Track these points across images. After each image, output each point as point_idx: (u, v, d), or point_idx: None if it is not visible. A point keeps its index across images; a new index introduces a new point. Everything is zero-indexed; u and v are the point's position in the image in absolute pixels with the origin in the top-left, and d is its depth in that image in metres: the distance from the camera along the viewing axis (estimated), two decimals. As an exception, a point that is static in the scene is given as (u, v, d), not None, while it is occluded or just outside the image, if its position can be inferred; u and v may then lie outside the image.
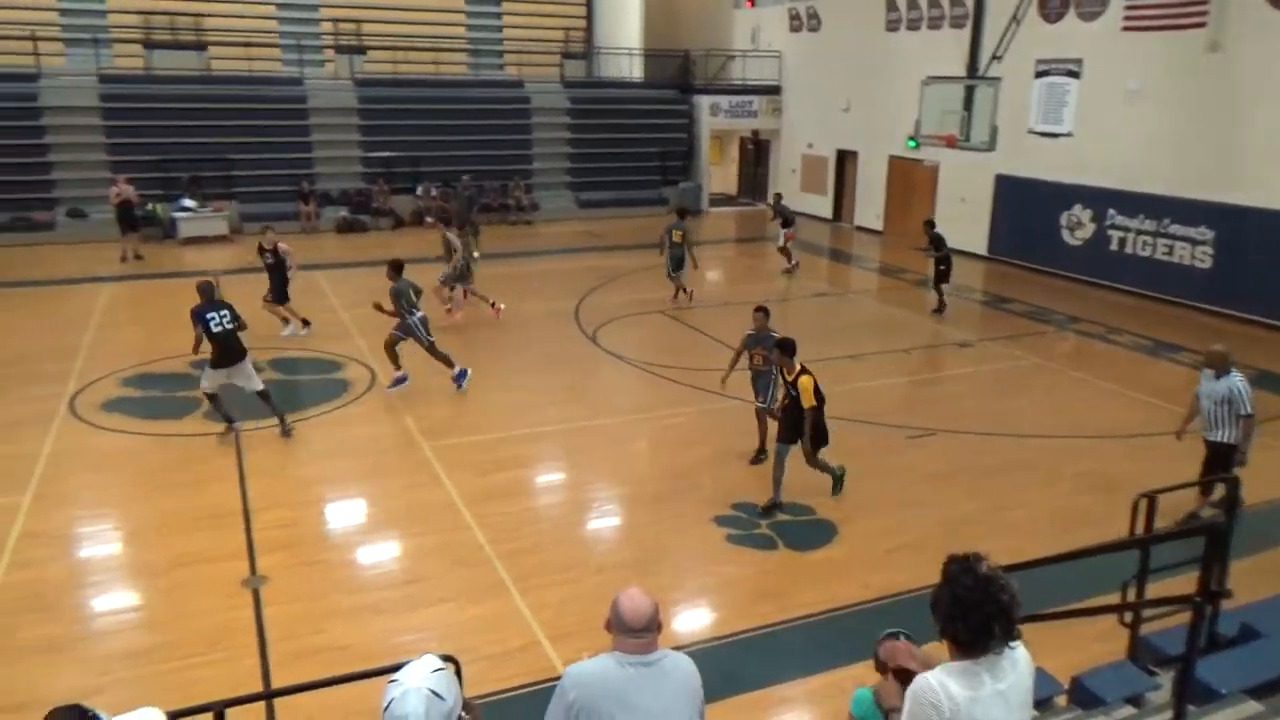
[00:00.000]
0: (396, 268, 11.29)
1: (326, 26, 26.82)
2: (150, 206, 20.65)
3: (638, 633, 3.26)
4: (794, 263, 18.92)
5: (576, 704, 3.18)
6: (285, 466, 9.29)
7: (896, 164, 22.96)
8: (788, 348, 8.37)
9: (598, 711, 3.15)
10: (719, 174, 30.15)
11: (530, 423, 10.56)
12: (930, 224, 16.04)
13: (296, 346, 13.09)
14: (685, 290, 16.24)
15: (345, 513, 8.55)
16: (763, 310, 9.50)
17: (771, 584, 7.23)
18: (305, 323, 13.74)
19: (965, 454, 9.85)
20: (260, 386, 9.97)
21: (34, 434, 9.73)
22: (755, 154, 29.63)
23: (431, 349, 11.35)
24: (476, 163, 24.11)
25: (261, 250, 13.52)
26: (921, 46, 21.35)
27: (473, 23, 28.94)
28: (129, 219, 18.79)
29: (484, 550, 7.61)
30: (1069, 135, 18.26)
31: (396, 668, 2.67)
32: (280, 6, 26.41)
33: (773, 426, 9.03)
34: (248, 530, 7.85)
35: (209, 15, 25.11)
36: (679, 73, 28.01)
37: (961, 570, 2.68)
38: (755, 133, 28.90)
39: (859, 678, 3.67)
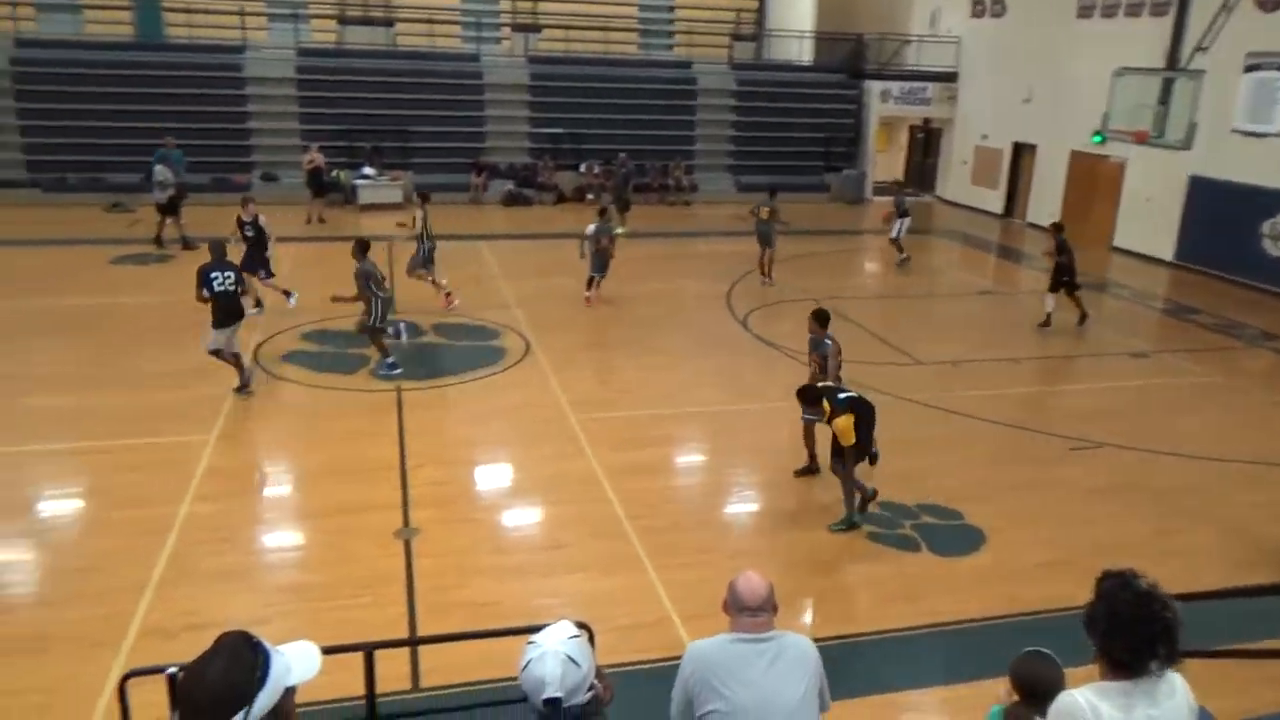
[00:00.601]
0: (363, 247, 10.89)
1: (505, 5, 27.65)
2: (335, 173, 21.95)
3: (754, 611, 3.33)
4: (905, 255, 18.08)
5: (693, 678, 3.29)
6: (441, 427, 9.73)
7: (1079, 159, 21.64)
8: (806, 398, 7.86)
9: (713, 686, 3.23)
10: (885, 162, 29.27)
11: (677, 403, 10.64)
12: (1059, 227, 14.44)
13: (457, 313, 13.62)
14: (765, 271, 16.03)
15: (494, 475, 8.89)
16: (814, 315, 8.98)
17: (910, 587, 7.04)
18: (258, 303, 13.10)
19: (1130, 471, 9.25)
20: (237, 349, 10.30)
21: (223, 379, 10.56)
22: (925, 143, 28.60)
23: (373, 332, 10.94)
24: (639, 142, 24.36)
25: (241, 223, 13.03)
26: (1116, 35, 19.98)
27: (645, 3, 29.16)
28: (318, 184, 20.07)
29: (622, 524, 7.75)
30: (1279, 136, 16.71)
31: (535, 629, 2.76)
32: (464, -15, 27.43)
33: (824, 441, 8.46)
34: (403, 485, 8.29)
35: (398, -8, 26.37)
36: (850, 57, 27.31)
37: (1120, 585, 2.54)
38: (926, 121, 27.88)
39: (993, 694, 3.53)
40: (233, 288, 10.05)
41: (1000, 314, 15.71)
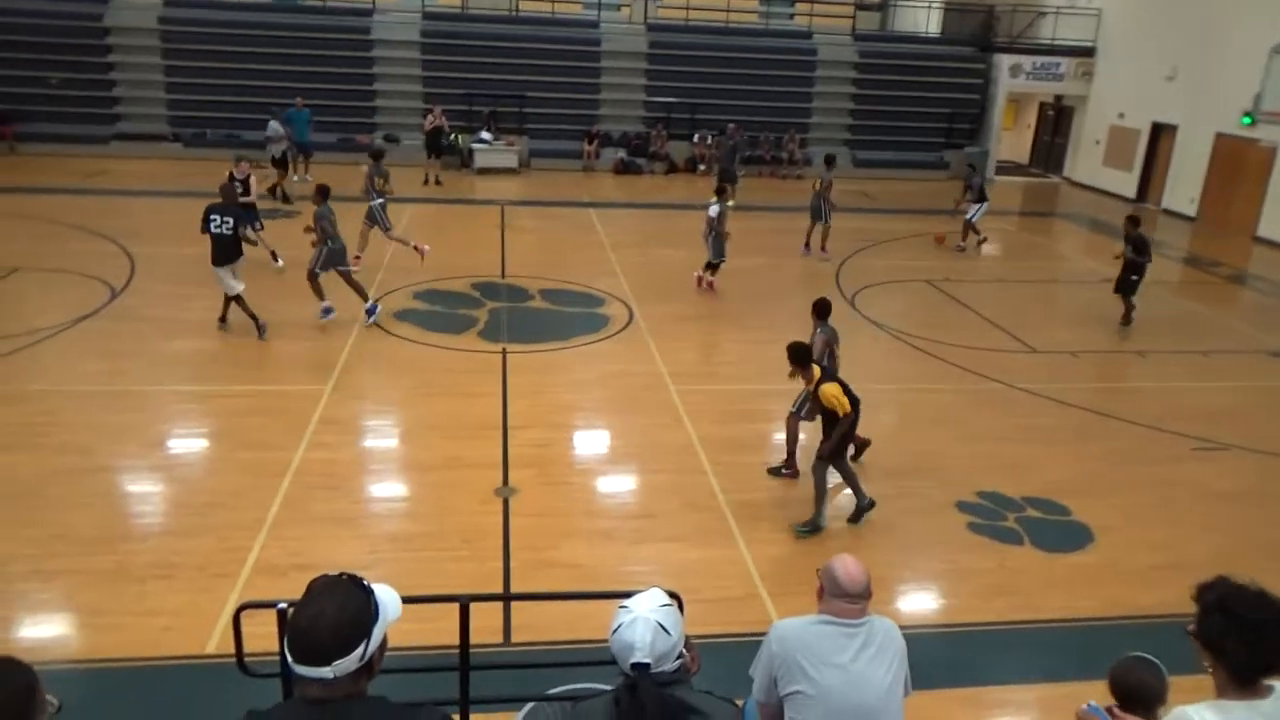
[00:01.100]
0: (323, 193, 11.21)
1: (627, -29, 27.54)
2: (453, 136, 22.43)
3: (852, 598, 3.29)
4: (979, 238, 17.20)
5: (778, 657, 3.28)
6: (543, 391, 9.90)
7: (1224, 142, 20.32)
8: (795, 355, 7.34)
9: (800, 666, 3.22)
10: (1011, 140, 28.14)
11: (777, 379, 10.48)
12: (1134, 221, 13.08)
13: (563, 280, 13.78)
14: (809, 243, 15.85)
15: (592, 441, 9.01)
16: (814, 306, 8.48)
17: (1011, 581, 6.85)
18: (275, 257, 13.28)
19: (1258, 476, 8.73)
20: (236, 291, 10.75)
21: (341, 333, 11.01)
22: (1055, 121, 27.34)
23: (310, 275, 11.23)
24: (754, 113, 24.05)
25: (232, 179, 13.06)
26: (1275, 9, 18.58)
27: (768, -30, 28.60)
28: (436, 145, 20.57)
29: (716, 497, 7.77)
30: None
31: (626, 595, 2.80)
32: (586, -50, 27.42)
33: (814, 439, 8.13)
34: (505, 444, 8.50)
35: (522, -42, 26.57)
36: (980, 29, 26.24)
37: (1236, 589, 2.41)
38: (1058, 98, 26.63)
39: (1093, 697, 3.41)
40: (229, 231, 10.58)
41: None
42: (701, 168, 23.28)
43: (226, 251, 10.68)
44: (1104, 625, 6.33)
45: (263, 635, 4.52)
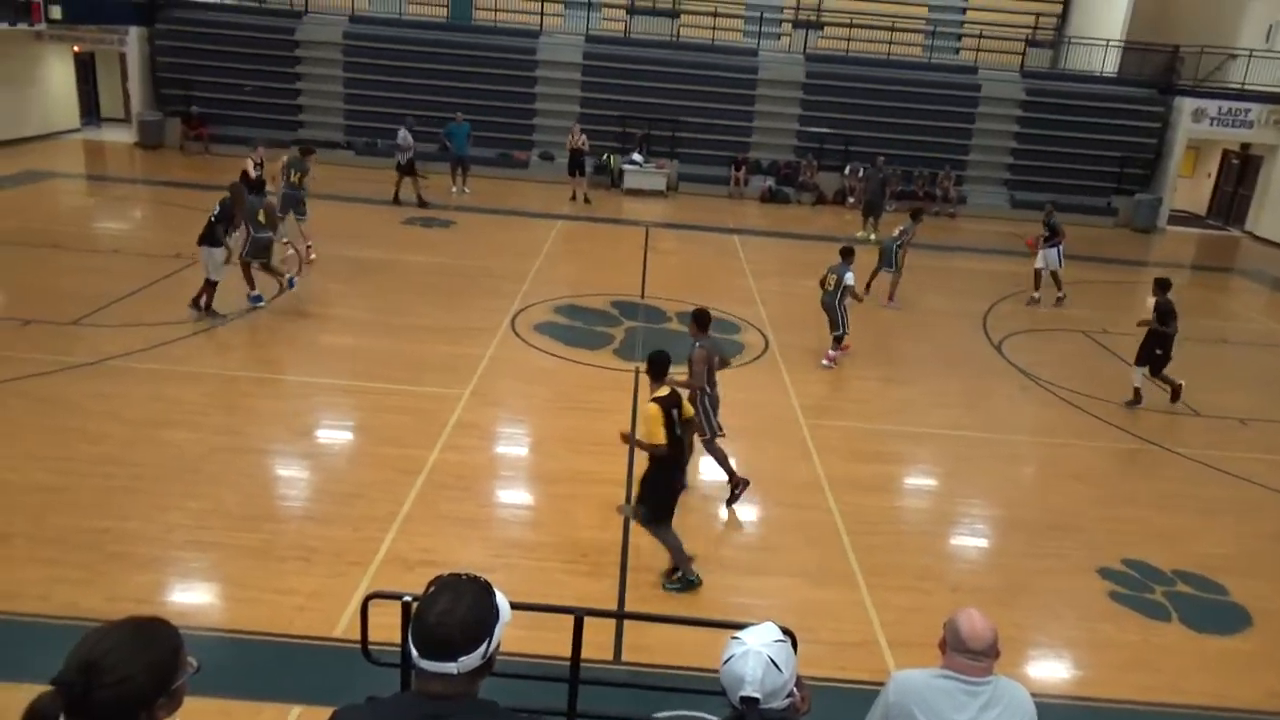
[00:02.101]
0: (250, 185, 11.89)
1: (790, 2, 27.56)
2: (605, 156, 22.93)
3: (975, 655, 3.13)
4: (1061, 294, 15.51)
5: (895, 707, 3.18)
6: (673, 412, 9.91)
7: None
8: (651, 366, 6.64)
9: (914, 718, 3.10)
10: (1187, 189, 26.44)
11: (914, 421, 10.24)
12: (1163, 285, 11.24)
13: (702, 304, 13.80)
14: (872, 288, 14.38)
15: (717, 467, 8.96)
16: (694, 315, 7.89)
17: (1154, 658, 6.38)
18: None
19: None
20: (212, 278, 11.26)
21: (482, 339, 11.39)
22: (1240, 171, 25.53)
23: (242, 263, 11.62)
24: (909, 148, 23.56)
25: (254, 165, 14.26)
26: None
27: (935, 4, 28.04)
28: (577, 163, 21.06)
29: (840, 537, 7.59)
30: None
31: (740, 626, 2.77)
32: (749, -20, 27.64)
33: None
34: (630, 461, 8.56)
35: (686, -16, 27.04)
36: (1162, 70, 24.84)
37: None
38: (1245, 146, 24.87)
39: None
40: (213, 219, 11.18)
41: (1308, 372, 13.76)
42: (851, 200, 22.93)
43: (206, 234, 11.24)
44: (1258, 718, 5.81)
45: (386, 625, 4.70)
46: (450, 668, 2.10)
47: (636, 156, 23.01)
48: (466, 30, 24.87)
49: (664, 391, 6.57)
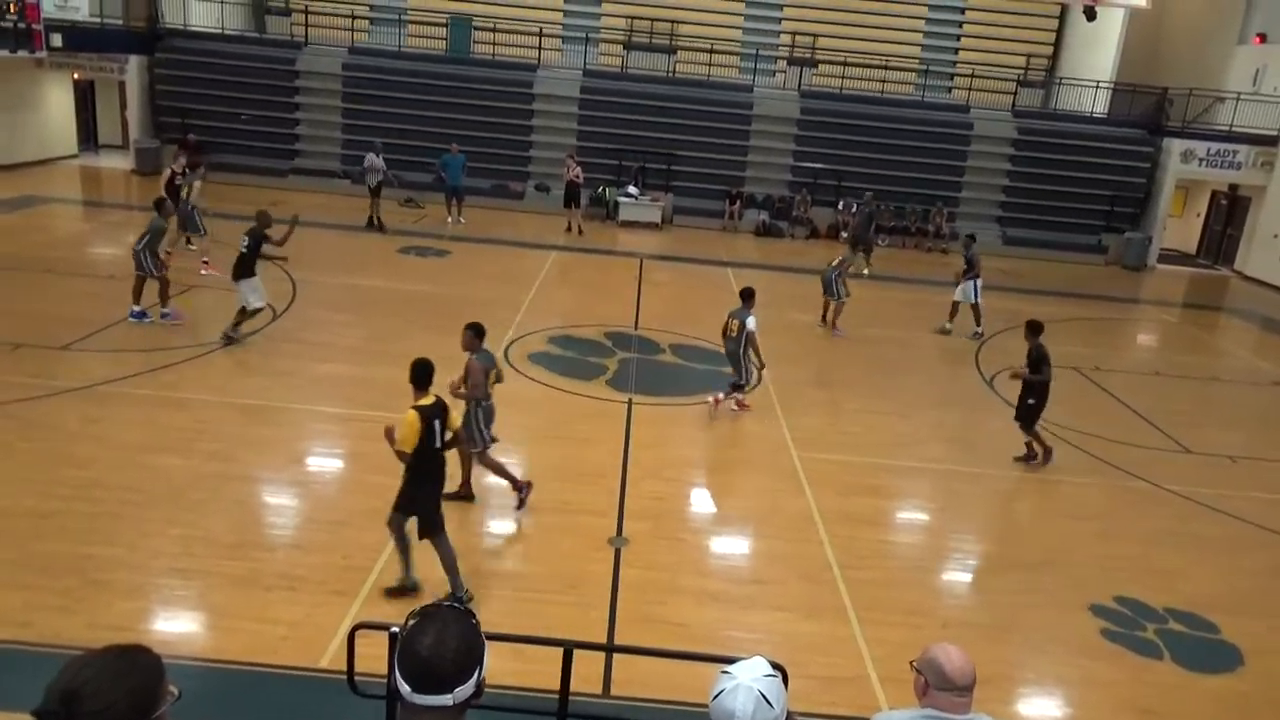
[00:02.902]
0: (157, 204, 12.38)
1: (785, 39, 27.93)
2: (600, 189, 23.08)
3: (961, 690, 3.07)
4: (978, 329, 15.42)
5: None
6: (665, 444, 9.92)
7: None
8: (414, 374, 6.67)
9: None
10: (1177, 228, 26.68)
11: (906, 455, 10.24)
12: (1034, 329, 10.19)
13: (695, 336, 13.85)
14: (828, 319, 14.84)
15: (709, 499, 8.95)
16: (468, 327, 8.00)
17: (1147, 698, 6.34)
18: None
19: None
20: (242, 305, 11.43)
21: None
22: (1229, 211, 25.80)
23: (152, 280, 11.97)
24: (903, 184, 23.77)
25: (173, 174, 15.71)
26: None
27: (928, 44, 28.43)
28: (573, 195, 21.19)
29: (831, 570, 7.55)
30: None
31: (730, 660, 2.75)
32: (748, 18, 28.00)
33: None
34: (621, 494, 8.53)
35: (684, 22, 27.37)
36: (1151, 111, 25.17)
37: None
38: (1233, 187, 25.15)
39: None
40: (243, 248, 11.39)
41: (1298, 411, 13.82)
42: (844, 235, 23.08)
43: (237, 264, 11.41)
44: (1251, 760, 5.77)
45: (372, 656, 4.65)
46: (445, 700, 2.07)
47: (632, 189, 23.15)
48: (465, 63, 25.09)
49: (427, 400, 6.52)
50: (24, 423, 8.71)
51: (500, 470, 8.08)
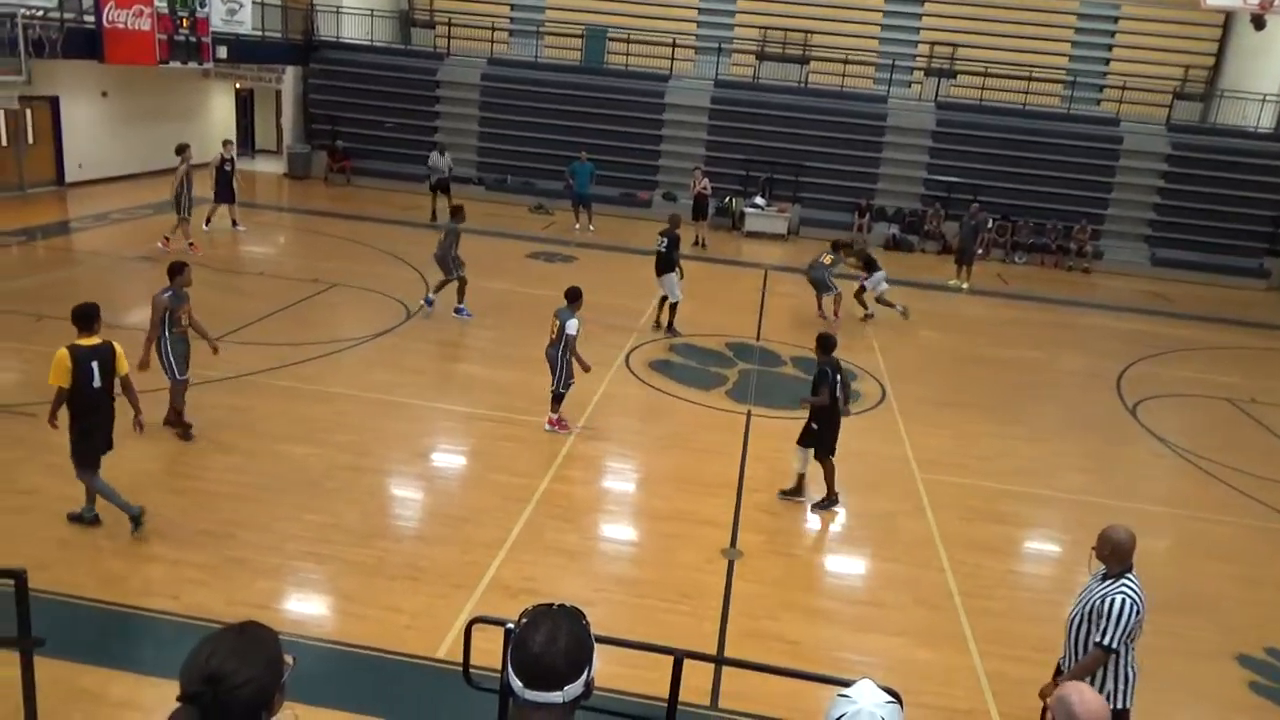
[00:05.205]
0: (455, 211, 13.53)
1: (923, 49, 27.24)
2: (727, 199, 23.04)
3: None
4: (866, 312, 15.86)
5: None
6: (783, 457, 9.77)
7: None
8: (75, 318, 6.67)
9: None
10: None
11: (1036, 482, 9.80)
12: (823, 345, 8.58)
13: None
14: (823, 313, 15.31)
15: (827, 516, 8.78)
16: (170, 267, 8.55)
17: (1296, 758, 5.87)
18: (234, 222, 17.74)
19: None
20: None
21: (597, 373, 11.45)
22: None
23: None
24: (1044, 199, 22.84)
25: (223, 160, 17.34)
26: None
27: (1077, 54, 27.16)
28: (700, 209, 21.20)
29: (953, 597, 7.30)
30: None
31: (844, 681, 2.69)
32: (885, 28, 27.44)
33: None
34: (737, 506, 8.48)
35: (819, 32, 27.04)
36: (1325, 126, 23.35)
37: None
38: None
39: None
40: (661, 249, 13.04)
41: None
42: (979, 251, 22.30)
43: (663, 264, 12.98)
44: None
45: (486, 650, 4.77)
46: (556, 697, 2.11)
47: (759, 200, 23.02)
48: (598, 73, 25.52)
49: (91, 341, 6.69)
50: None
51: (179, 404, 8.65)
